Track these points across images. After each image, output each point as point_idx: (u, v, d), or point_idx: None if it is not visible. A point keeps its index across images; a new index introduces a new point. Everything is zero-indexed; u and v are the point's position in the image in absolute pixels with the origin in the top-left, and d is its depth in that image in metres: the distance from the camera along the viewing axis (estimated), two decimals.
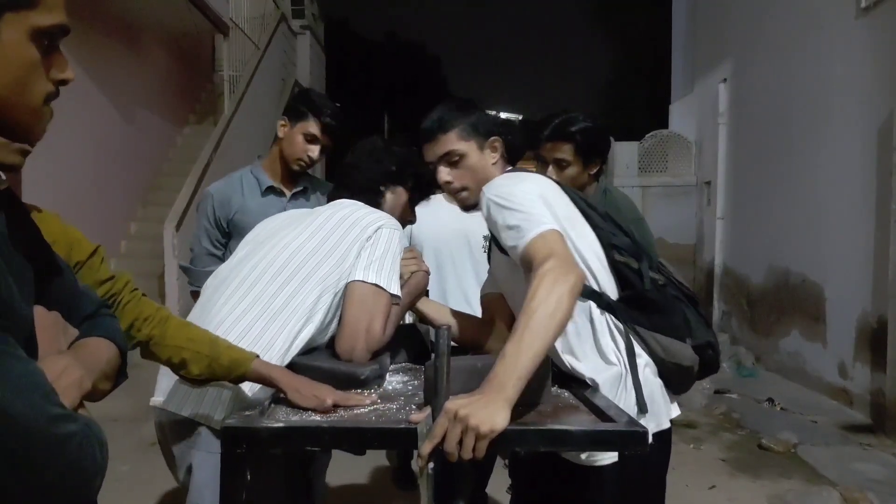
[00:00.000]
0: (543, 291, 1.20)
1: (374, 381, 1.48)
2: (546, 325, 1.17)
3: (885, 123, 4.76)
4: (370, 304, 1.55)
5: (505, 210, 1.40)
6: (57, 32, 0.78)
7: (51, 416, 0.68)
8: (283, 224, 1.73)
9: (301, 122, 2.29)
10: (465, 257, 2.34)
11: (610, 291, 1.47)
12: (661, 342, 1.44)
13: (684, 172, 9.47)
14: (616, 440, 1.12)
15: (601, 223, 1.53)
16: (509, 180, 1.51)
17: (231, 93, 8.19)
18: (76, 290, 1.00)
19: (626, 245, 1.51)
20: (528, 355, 1.13)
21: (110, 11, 6.79)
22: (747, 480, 3.71)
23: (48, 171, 5.65)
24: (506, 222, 1.39)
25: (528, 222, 1.35)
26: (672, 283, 1.54)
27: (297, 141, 2.30)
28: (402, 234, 1.69)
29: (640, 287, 1.46)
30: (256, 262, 1.61)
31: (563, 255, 1.29)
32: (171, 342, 1.30)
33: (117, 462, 3.71)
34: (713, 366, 1.54)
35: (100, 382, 0.91)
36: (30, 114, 0.78)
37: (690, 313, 1.51)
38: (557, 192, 1.52)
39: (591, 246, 1.48)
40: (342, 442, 1.18)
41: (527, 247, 1.33)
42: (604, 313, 1.44)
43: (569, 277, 1.23)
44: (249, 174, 2.41)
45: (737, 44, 8.03)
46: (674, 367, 1.44)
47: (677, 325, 1.47)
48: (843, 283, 5.34)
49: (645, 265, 1.49)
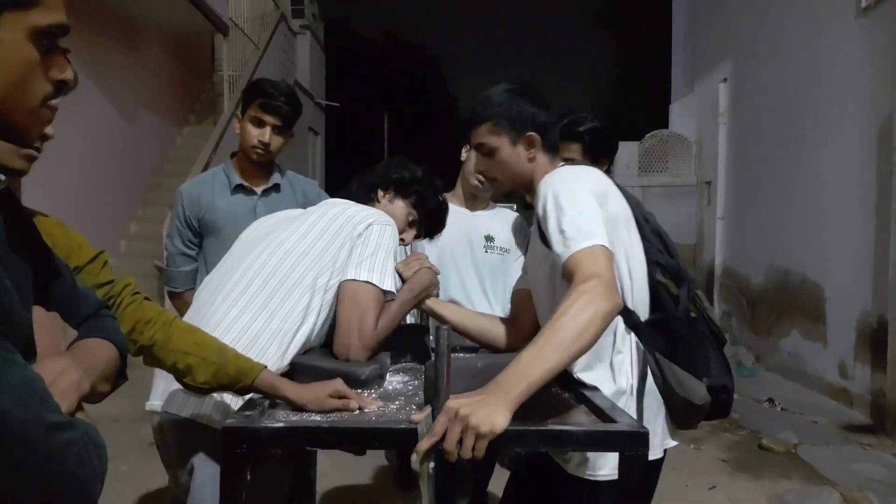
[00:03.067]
0: (577, 310, 1.16)
1: (375, 381, 1.48)
2: (570, 343, 1.14)
3: (885, 123, 4.76)
4: (362, 302, 1.55)
5: (561, 211, 1.34)
6: (56, 32, 0.77)
7: (49, 424, 0.67)
8: (276, 224, 1.73)
9: (247, 111, 2.28)
10: (466, 257, 2.34)
11: (641, 309, 1.44)
12: (678, 374, 1.41)
13: (684, 172, 9.47)
14: (616, 441, 1.12)
15: (651, 237, 1.49)
16: (572, 175, 1.45)
17: (231, 93, 8.20)
18: (76, 291, 1.00)
19: (671, 267, 1.47)
20: (544, 367, 1.12)
21: (110, 11, 6.79)
22: (747, 480, 3.70)
23: (48, 172, 5.65)
24: (559, 225, 1.33)
25: (580, 232, 1.30)
26: (704, 319, 1.51)
27: (247, 130, 2.27)
28: (395, 229, 1.66)
29: (672, 313, 1.43)
30: (251, 263, 1.61)
31: (608, 277, 1.24)
32: (176, 346, 1.25)
33: (117, 462, 3.71)
34: (724, 410, 1.51)
35: (99, 384, 0.90)
36: (27, 115, 0.77)
37: (714, 353, 1.49)
38: (616, 192, 1.48)
39: (636, 256, 1.45)
40: (342, 442, 1.18)
41: (573, 257, 1.28)
42: (629, 331, 1.42)
43: (606, 303, 1.19)
44: (221, 173, 2.39)
45: (737, 44, 8.03)
46: (683, 402, 1.42)
47: (698, 361, 1.44)
48: (843, 283, 5.34)
49: (684, 292, 1.46)
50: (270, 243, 1.63)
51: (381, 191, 1.83)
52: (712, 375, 1.46)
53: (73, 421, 0.73)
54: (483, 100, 1.57)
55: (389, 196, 1.83)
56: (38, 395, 0.68)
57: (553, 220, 1.35)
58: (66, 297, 0.97)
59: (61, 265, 0.98)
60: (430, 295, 1.77)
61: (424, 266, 1.77)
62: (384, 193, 1.83)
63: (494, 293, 2.29)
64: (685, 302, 1.45)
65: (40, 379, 0.70)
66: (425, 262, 1.80)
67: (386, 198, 1.83)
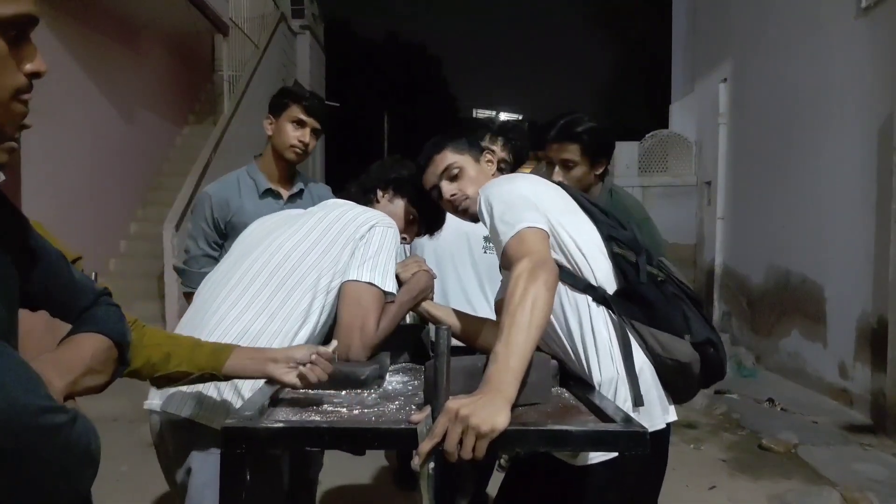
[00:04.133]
0: (520, 291, 1.23)
1: (375, 381, 1.48)
2: (529, 323, 1.19)
3: (885, 124, 4.76)
4: (364, 303, 1.56)
5: (491, 211, 1.44)
6: (24, 23, 0.76)
7: (38, 408, 0.68)
8: (277, 224, 1.73)
9: (284, 111, 2.35)
10: (465, 257, 2.34)
11: (609, 285, 1.47)
12: (659, 338, 1.42)
13: (684, 172, 9.47)
14: (616, 440, 1.12)
15: (601, 217, 1.55)
16: (500, 180, 1.57)
17: (230, 93, 8.19)
18: (72, 283, 0.99)
19: (626, 238, 1.52)
20: (518, 354, 1.16)
21: (110, 11, 6.79)
22: (747, 480, 3.70)
23: (48, 172, 5.65)
24: (493, 225, 1.43)
25: (506, 224, 1.39)
26: (672, 281, 1.54)
27: (285, 130, 2.35)
28: (396, 231, 1.68)
29: (634, 279, 1.46)
30: (251, 263, 1.61)
31: (538, 252, 1.32)
32: (150, 342, 1.20)
33: (117, 462, 3.71)
34: (717, 368, 1.50)
35: (86, 379, 0.89)
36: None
37: (690, 311, 1.50)
38: (549, 188, 1.55)
39: (591, 238, 1.49)
40: (342, 442, 1.18)
41: (505, 248, 1.38)
42: (600, 306, 1.45)
43: (541, 273, 1.25)
44: (246, 175, 2.41)
45: (737, 44, 8.03)
46: (673, 364, 1.42)
47: (675, 321, 1.46)
48: (843, 283, 5.33)
49: (643, 259, 1.49)
50: (271, 243, 1.63)
51: (381, 191, 1.85)
52: (693, 332, 1.46)
53: (64, 406, 0.73)
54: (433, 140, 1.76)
55: (389, 196, 1.84)
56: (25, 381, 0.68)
57: (489, 223, 1.45)
58: (61, 291, 0.96)
59: (55, 259, 0.97)
60: (426, 298, 1.79)
61: (422, 269, 1.79)
62: (383, 193, 1.84)
63: (493, 293, 2.29)
64: (644, 266, 1.48)
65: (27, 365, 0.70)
66: (423, 264, 1.82)
67: (385, 198, 1.84)
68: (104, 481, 0.79)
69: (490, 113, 8.51)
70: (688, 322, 1.47)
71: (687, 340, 1.45)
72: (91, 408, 0.88)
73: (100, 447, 0.78)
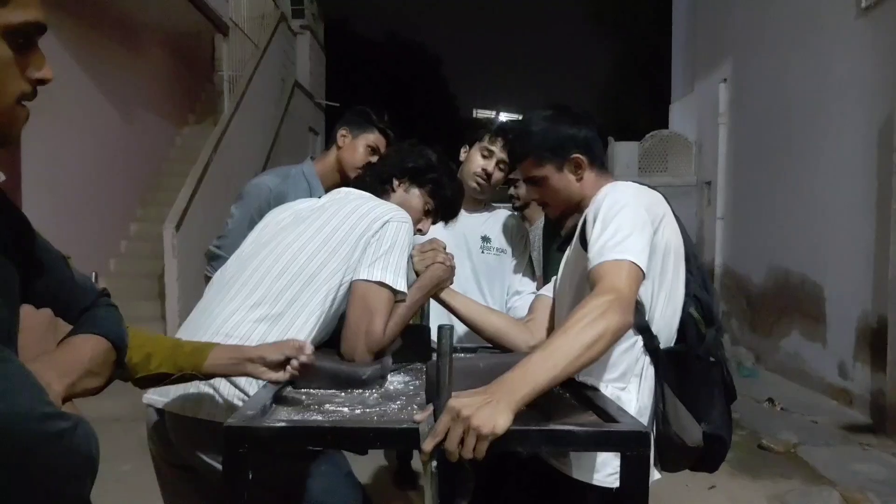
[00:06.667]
0: (589, 319, 1.17)
1: (377, 381, 1.48)
2: (579, 354, 1.14)
3: (885, 124, 4.76)
4: (372, 304, 1.54)
5: (608, 222, 1.35)
6: (31, 30, 0.76)
7: (41, 414, 0.68)
8: (288, 223, 1.68)
9: (364, 133, 2.38)
10: (463, 257, 2.34)
11: (666, 338, 1.44)
12: (678, 410, 1.40)
13: (684, 172, 9.47)
14: (618, 441, 1.12)
15: (695, 272, 1.48)
16: (634, 192, 1.45)
17: (231, 93, 8.19)
18: (72, 282, 0.99)
19: (706, 305, 1.46)
20: (551, 374, 1.12)
21: (110, 11, 6.78)
22: (747, 480, 3.71)
23: (48, 172, 5.65)
24: (601, 234, 1.34)
25: (617, 245, 1.30)
26: (721, 368, 1.49)
27: (359, 151, 2.37)
28: (411, 226, 1.64)
29: (694, 347, 1.42)
30: (259, 264, 1.59)
31: (626, 294, 1.24)
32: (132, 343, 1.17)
33: (118, 462, 3.71)
34: (713, 461, 1.48)
35: (84, 381, 0.90)
36: (1, 113, 0.76)
37: (719, 403, 1.46)
38: (672, 221, 1.47)
39: (677, 286, 1.44)
40: (344, 441, 1.18)
41: (600, 266, 1.29)
42: (645, 354, 1.42)
43: (619, 319, 1.19)
44: (302, 178, 2.39)
45: (737, 44, 8.03)
46: (676, 441, 1.39)
47: (701, 403, 1.42)
48: (843, 283, 5.34)
49: (712, 333, 1.45)
50: (280, 242, 1.61)
51: (397, 181, 1.79)
52: (712, 422, 1.43)
53: (67, 413, 0.74)
54: (520, 134, 1.59)
55: (405, 186, 1.79)
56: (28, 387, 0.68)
57: (598, 228, 1.36)
58: (61, 291, 0.96)
59: (55, 258, 0.97)
60: (443, 288, 1.75)
61: (438, 260, 1.74)
62: (399, 183, 1.79)
63: (491, 293, 2.29)
64: (710, 341, 1.44)
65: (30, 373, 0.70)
66: (440, 251, 1.76)
67: (401, 188, 1.79)
68: (104, 481, 0.79)
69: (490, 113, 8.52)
70: (711, 412, 1.43)
71: (701, 428, 1.42)
72: (91, 408, 0.88)
73: (99, 452, 0.78)
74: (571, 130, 1.54)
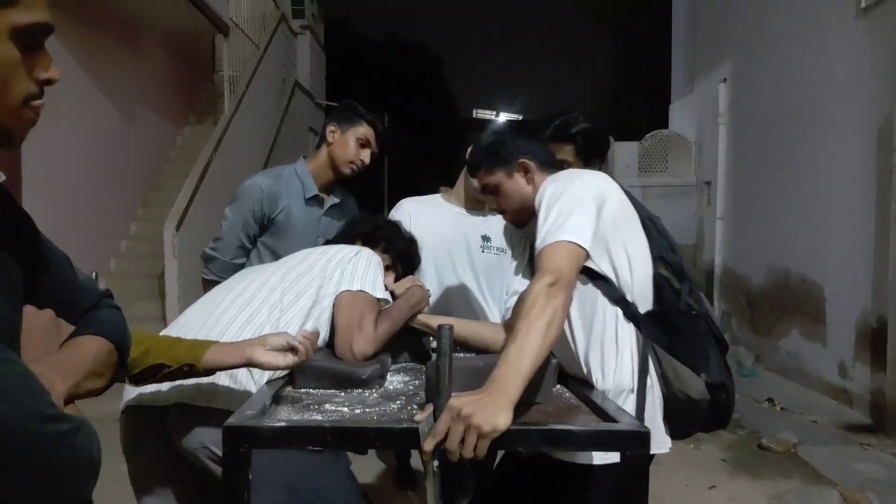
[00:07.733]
0: (541, 304, 1.24)
1: (376, 380, 1.49)
2: (544, 334, 1.21)
3: (885, 124, 4.76)
4: (359, 305, 1.65)
5: (549, 210, 1.42)
6: (38, 31, 0.77)
7: (43, 416, 0.68)
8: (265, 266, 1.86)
9: (353, 126, 2.37)
10: (463, 256, 2.34)
11: (644, 303, 1.46)
12: (675, 368, 1.42)
13: (684, 172, 9.47)
14: (618, 440, 1.12)
15: (657, 236, 1.52)
16: (570, 177, 1.53)
17: (231, 93, 8.19)
18: (75, 283, 0.99)
19: (674, 262, 1.50)
20: (530, 359, 1.17)
21: (110, 11, 6.79)
22: (747, 480, 3.71)
23: (48, 172, 5.65)
24: (543, 223, 1.42)
25: (557, 229, 1.37)
26: (705, 319, 1.52)
27: (350, 145, 2.36)
28: (380, 259, 1.82)
29: (673, 305, 1.45)
30: (247, 285, 1.70)
31: (568, 273, 1.32)
32: None
33: (118, 462, 3.70)
34: (723, 414, 1.50)
35: (86, 382, 0.90)
36: (8, 114, 0.77)
37: (713, 353, 1.49)
38: (616, 192, 1.51)
39: (639, 251, 1.47)
40: (344, 441, 1.18)
41: (543, 250, 1.36)
42: (628, 322, 1.44)
43: (560, 296, 1.27)
44: (295, 177, 2.40)
45: (737, 44, 8.03)
46: (682, 397, 1.42)
47: (697, 356, 1.45)
48: (843, 283, 5.34)
49: (686, 287, 1.48)
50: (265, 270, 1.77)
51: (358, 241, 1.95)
52: (711, 372, 1.46)
53: (68, 414, 0.74)
54: (473, 150, 1.74)
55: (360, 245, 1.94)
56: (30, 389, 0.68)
57: (541, 218, 1.43)
58: (64, 291, 0.96)
59: (59, 258, 0.98)
60: (421, 311, 1.85)
61: (416, 284, 1.90)
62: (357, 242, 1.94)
63: (491, 293, 2.30)
64: (686, 295, 1.47)
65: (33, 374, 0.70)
66: (416, 280, 1.94)
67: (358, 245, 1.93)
68: (104, 481, 0.79)
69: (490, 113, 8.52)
70: (708, 362, 1.47)
71: (702, 379, 1.44)
72: (92, 408, 0.88)
73: (101, 454, 0.78)
74: (518, 139, 1.68)
